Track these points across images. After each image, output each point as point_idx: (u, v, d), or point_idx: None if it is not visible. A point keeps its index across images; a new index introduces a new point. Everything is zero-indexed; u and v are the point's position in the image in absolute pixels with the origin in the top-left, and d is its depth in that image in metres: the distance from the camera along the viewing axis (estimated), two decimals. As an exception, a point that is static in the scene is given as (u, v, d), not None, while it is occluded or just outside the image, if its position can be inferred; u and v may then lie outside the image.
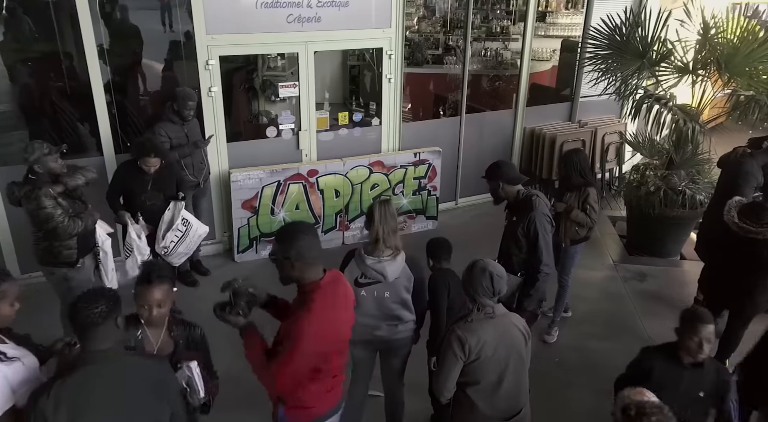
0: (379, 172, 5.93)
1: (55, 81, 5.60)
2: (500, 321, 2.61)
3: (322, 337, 2.29)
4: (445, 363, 2.58)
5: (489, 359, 2.54)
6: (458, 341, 2.52)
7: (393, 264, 3.01)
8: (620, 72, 5.59)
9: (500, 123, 7.01)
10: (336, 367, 2.47)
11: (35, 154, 3.60)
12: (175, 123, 4.83)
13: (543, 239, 3.41)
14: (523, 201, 3.52)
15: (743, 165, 4.27)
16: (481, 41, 8.75)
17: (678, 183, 5.41)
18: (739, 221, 3.60)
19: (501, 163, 3.66)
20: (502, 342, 2.57)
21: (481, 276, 2.55)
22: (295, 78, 5.60)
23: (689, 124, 5.07)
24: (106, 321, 2.06)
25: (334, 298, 2.37)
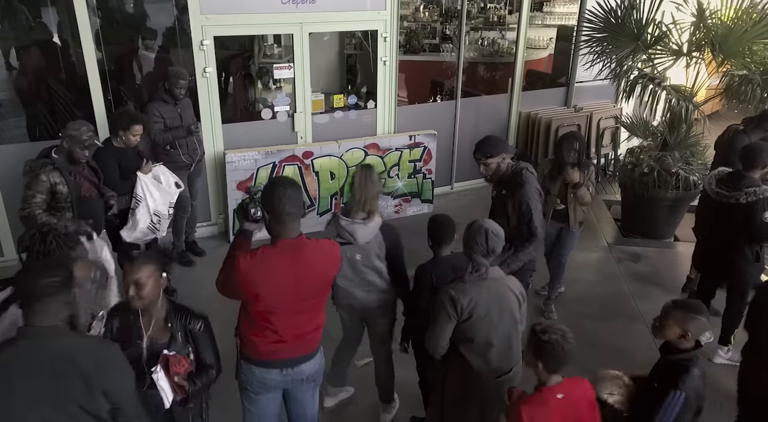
0: (375, 155, 5.93)
1: (51, 66, 5.61)
2: (493, 283, 2.64)
3: (253, 281, 2.39)
4: (438, 321, 2.63)
5: (481, 319, 2.58)
6: (451, 301, 2.57)
7: (364, 227, 3.06)
8: (615, 54, 5.59)
9: (496, 107, 7.02)
10: (281, 330, 2.50)
11: (74, 133, 3.60)
12: (168, 103, 4.79)
13: (536, 214, 3.44)
14: (512, 174, 3.50)
15: (736, 141, 4.30)
16: (478, 31, 8.76)
17: (672, 164, 5.42)
18: (717, 187, 3.63)
19: (498, 139, 3.60)
20: (495, 303, 2.61)
21: (477, 234, 2.60)
22: (291, 61, 5.60)
23: (683, 104, 5.08)
24: (50, 297, 1.91)
25: (297, 258, 2.44)
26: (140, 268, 2.30)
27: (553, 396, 2.24)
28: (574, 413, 2.28)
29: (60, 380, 1.90)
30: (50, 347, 1.92)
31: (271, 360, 2.57)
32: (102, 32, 5.18)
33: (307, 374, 2.68)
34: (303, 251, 2.47)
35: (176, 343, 2.40)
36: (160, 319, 2.40)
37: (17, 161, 4.66)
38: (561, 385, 2.28)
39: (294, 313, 2.51)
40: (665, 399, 2.35)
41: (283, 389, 2.73)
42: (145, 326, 2.38)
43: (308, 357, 2.65)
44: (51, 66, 5.61)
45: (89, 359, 1.94)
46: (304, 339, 2.61)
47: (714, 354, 4.11)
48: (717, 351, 4.12)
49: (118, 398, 2.01)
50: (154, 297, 2.35)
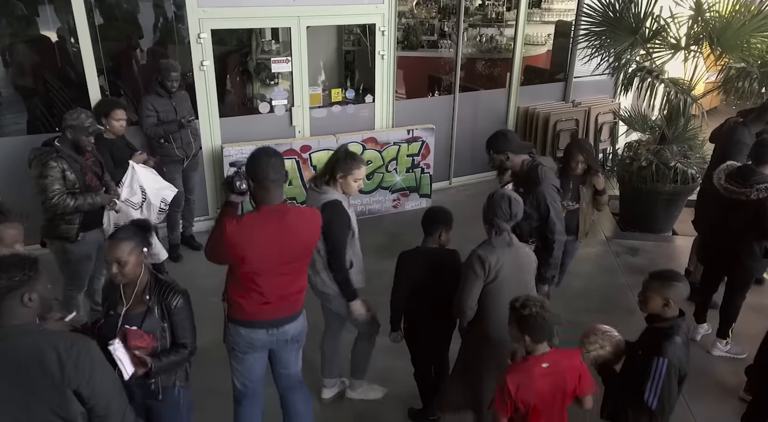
0: (373, 149, 5.92)
1: (48, 61, 5.59)
2: (515, 249, 2.82)
3: (239, 244, 2.51)
4: (467, 281, 2.75)
5: (506, 279, 2.73)
6: (479, 260, 2.72)
7: (312, 195, 3.05)
8: (613, 48, 5.59)
9: (494, 102, 7.01)
10: (266, 291, 2.62)
11: (76, 122, 3.59)
12: (162, 96, 4.72)
13: (554, 211, 3.42)
14: (528, 172, 3.47)
15: (735, 133, 4.28)
16: (476, 27, 8.76)
17: (670, 157, 5.42)
18: (726, 183, 3.61)
19: (506, 133, 3.60)
20: (517, 267, 2.79)
21: (501, 200, 2.78)
22: (288, 55, 5.59)
23: (681, 96, 5.08)
24: (10, 296, 1.85)
25: (281, 223, 2.56)
26: (121, 246, 2.30)
27: (538, 366, 2.32)
28: (559, 382, 2.35)
29: (28, 382, 1.84)
30: (15, 348, 1.85)
31: (257, 320, 2.69)
32: (99, 26, 5.17)
33: (291, 334, 2.79)
34: (286, 216, 2.59)
35: (151, 317, 2.40)
36: (140, 292, 2.41)
37: (15, 154, 4.69)
38: (548, 355, 2.35)
39: (278, 275, 2.62)
40: (650, 369, 2.41)
41: (269, 349, 2.83)
42: (126, 298, 2.40)
43: (292, 319, 2.77)
44: (48, 60, 5.61)
45: (56, 359, 1.85)
46: (288, 301, 2.73)
47: (713, 347, 4.11)
48: (716, 344, 4.11)
49: (92, 395, 1.92)
50: (137, 272, 2.36)
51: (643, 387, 2.42)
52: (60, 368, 1.84)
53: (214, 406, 3.23)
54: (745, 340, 4.04)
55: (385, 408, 3.54)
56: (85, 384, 1.89)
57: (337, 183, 3.04)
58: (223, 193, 2.67)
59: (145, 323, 2.38)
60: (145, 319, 2.39)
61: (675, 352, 2.43)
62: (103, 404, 1.95)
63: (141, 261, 2.38)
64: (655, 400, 2.42)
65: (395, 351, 3.44)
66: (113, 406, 1.99)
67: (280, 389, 3.02)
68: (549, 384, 2.34)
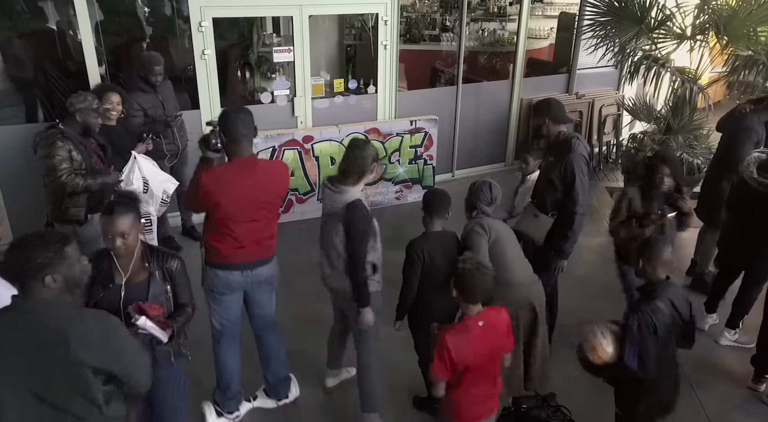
0: (375, 140, 5.87)
1: (49, 52, 5.55)
2: (500, 222, 3.21)
3: (213, 192, 2.74)
4: (474, 245, 3.00)
5: (505, 239, 3.08)
6: (478, 226, 3.05)
7: (333, 197, 2.91)
8: (618, 38, 5.54)
9: (497, 93, 6.95)
10: (239, 236, 2.85)
11: (84, 104, 3.60)
12: (147, 92, 4.60)
13: (580, 181, 3.40)
14: (562, 142, 3.49)
15: (744, 120, 4.22)
16: (478, 22, 8.71)
17: (675, 148, 5.37)
18: (758, 176, 3.53)
19: (551, 100, 3.63)
20: (507, 229, 3.18)
21: (482, 186, 3.14)
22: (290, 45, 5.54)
23: (687, 85, 5.03)
24: (27, 278, 1.84)
25: (251, 172, 2.80)
26: (123, 219, 2.33)
27: (475, 324, 2.38)
28: (494, 338, 2.46)
29: (47, 358, 1.83)
30: (35, 323, 1.84)
31: (232, 263, 2.92)
32: (100, 17, 5.12)
33: (264, 276, 3.04)
34: (255, 166, 2.85)
35: (155, 282, 2.45)
36: (138, 260, 2.44)
37: (13, 143, 4.66)
38: (481, 314, 2.42)
39: (250, 221, 2.87)
40: (626, 328, 2.53)
41: (244, 292, 3.07)
42: (123, 268, 2.42)
43: (265, 262, 3.02)
44: (49, 51, 5.57)
45: (78, 337, 1.83)
46: (261, 246, 2.97)
47: (720, 336, 4.08)
48: (723, 333, 4.07)
49: (125, 373, 1.95)
50: (137, 243, 2.41)
51: (621, 351, 2.50)
52: (83, 347, 1.83)
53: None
54: (752, 330, 4.00)
55: (391, 396, 3.50)
56: (113, 361, 1.91)
57: (356, 180, 2.92)
58: (201, 150, 2.84)
59: (150, 290, 2.43)
60: (149, 286, 2.43)
61: (649, 312, 2.50)
62: (135, 377, 2.00)
63: (139, 231, 2.42)
64: (634, 359, 2.48)
65: (405, 342, 3.41)
66: (143, 378, 2.04)
67: (255, 329, 3.27)
68: (487, 342, 2.41)
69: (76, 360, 1.83)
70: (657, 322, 2.50)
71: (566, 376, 3.41)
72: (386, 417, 3.32)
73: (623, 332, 2.54)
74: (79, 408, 1.89)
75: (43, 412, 1.86)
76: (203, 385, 3.34)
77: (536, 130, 3.68)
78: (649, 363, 2.49)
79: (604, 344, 2.54)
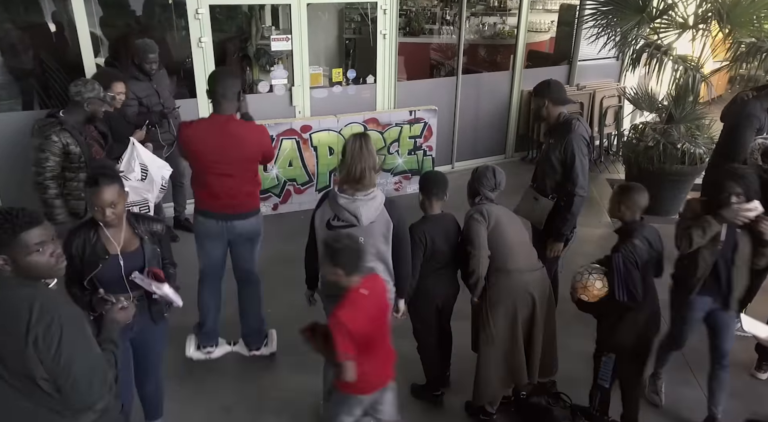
0: (374, 130, 5.82)
1: (45, 41, 5.50)
2: (503, 208, 3.06)
3: (190, 140, 3.12)
4: (473, 232, 2.90)
5: (507, 225, 2.97)
6: (477, 213, 2.94)
7: (368, 205, 2.65)
8: (620, 27, 5.49)
9: (497, 84, 6.90)
10: (215, 188, 3.17)
11: (93, 93, 3.49)
12: (141, 80, 4.52)
13: (579, 162, 3.37)
14: (562, 123, 3.46)
15: (747, 106, 4.17)
16: (479, 16, 8.67)
17: (677, 137, 5.32)
18: (764, 163, 3.48)
19: (551, 82, 3.57)
20: (510, 216, 3.06)
21: (486, 171, 3.02)
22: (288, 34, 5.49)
23: (690, 72, 4.98)
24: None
25: (223, 128, 3.08)
26: (110, 189, 2.32)
27: (360, 295, 2.39)
28: (380, 302, 2.54)
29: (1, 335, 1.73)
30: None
31: (209, 211, 3.26)
32: (96, 6, 5.07)
33: (241, 230, 3.29)
34: (230, 122, 3.11)
35: (148, 246, 2.50)
36: (127, 228, 2.46)
37: (11, 130, 4.61)
38: (362, 283, 2.43)
39: (224, 175, 3.14)
40: (610, 267, 2.80)
41: (228, 241, 3.34)
42: (114, 238, 2.42)
43: (242, 217, 3.27)
44: (44, 40, 5.52)
45: (26, 319, 1.72)
46: (236, 200, 3.23)
47: None
48: None
49: (58, 374, 1.76)
50: (124, 211, 2.43)
51: (611, 287, 2.80)
52: (26, 332, 1.71)
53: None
54: (759, 318, 3.94)
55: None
56: (49, 357, 1.73)
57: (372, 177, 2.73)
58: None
59: (146, 255, 2.46)
60: (145, 251, 2.47)
61: (628, 248, 2.79)
62: (69, 384, 1.78)
63: (125, 200, 2.44)
64: (623, 293, 2.79)
65: (400, 329, 3.34)
66: (81, 390, 1.79)
67: (236, 279, 3.51)
68: (375, 307, 2.46)
69: (19, 342, 1.71)
70: (638, 257, 2.80)
71: (567, 361, 3.36)
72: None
73: (609, 269, 2.83)
74: (30, 391, 1.79)
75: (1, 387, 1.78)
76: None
77: (536, 112, 3.59)
78: (637, 293, 2.81)
79: (594, 280, 2.85)
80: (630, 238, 2.83)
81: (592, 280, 2.85)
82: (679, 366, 3.71)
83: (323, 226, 2.71)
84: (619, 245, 2.86)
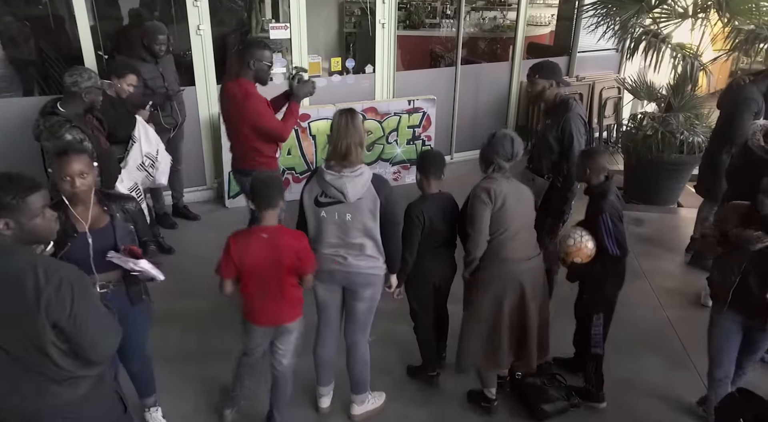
0: (373, 119, 5.83)
1: (44, 32, 5.52)
2: (514, 183, 2.91)
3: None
4: (475, 210, 2.81)
5: (513, 206, 2.82)
6: (484, 191, 2.79)
7: (355, 181, 2.60)
8: (619, 16, 5.49)
9: (496, 75, 6.90)
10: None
11: (90, 82, 3.38)
12: (148, 62, 4.51)
13: (577, 140, 3.38)
14: (559, 103, 3.46)
15: (743, 90, 4.16)
16: (478, 11, 8.67)
17: (676, 125, 5.32)
18: (765, 144, 3.47)
19: (555, 63, 3.57)
20: (516, 194, 2.86)
21: (503, 140, 2.83)
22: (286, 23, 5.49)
23: (689, 59, 4.97)
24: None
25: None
26: (80, 158, 2.28)
27: (258, 233, 2.55)
28: (275, 254, 2.55)
29: (3, 305, 1.71)
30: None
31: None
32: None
33: None
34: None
35: (119, 223, 2.42)
36: (95, 205, 2.38)
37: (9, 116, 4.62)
38: (271, 228, 2.55)
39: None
40: (600, 227, 2.88)
41: None
42: (82, 216, 2.35)
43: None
44: (44, 28, 5.53)
45: (33, 283, 1.69)
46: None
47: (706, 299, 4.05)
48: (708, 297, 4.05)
49: (75, 333, 1.76)
50: (93, 185, 2.36)
51: (603, 245, 2.89)
52: (36, 296, 1.69)
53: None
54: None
55: (384, 366, 3.43)
56: (65, 316, 1.73)
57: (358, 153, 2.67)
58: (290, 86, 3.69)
59: (117, 232, 2.39)
60: (116, 228, 2.39)
61: (611, 205, 2.91)
62: (88, 340, 1.78)
63: (94, 174, 2.38)
64: (615, 247, 2.90)
65: (395, 312, 3.37)
66: (99, 344, 1.82)
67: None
68: (264, 252, 2.53)
69: (29, 309, 1.70)
70: (618, 212, 2.94)
71: (563, 344, 3.36)
72: (380, 387, 3.27)
73: (596, 229, 2.90)
74: (34, 360, 1.78)
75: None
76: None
77: (539, 93, 3.51)
78: (626, 244, 2.96)
79: (586, 241, 2.90)
80: (606, 197, 2.94)
81: (584, 241, 2.90)
82: (676, 351, 3.73)
83: (311, 204, 2.69)
84: (600, 205, 2.92)
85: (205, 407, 3.19)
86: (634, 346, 3.68)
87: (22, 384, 1.80)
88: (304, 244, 2.63)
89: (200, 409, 3.18)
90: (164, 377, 3.15)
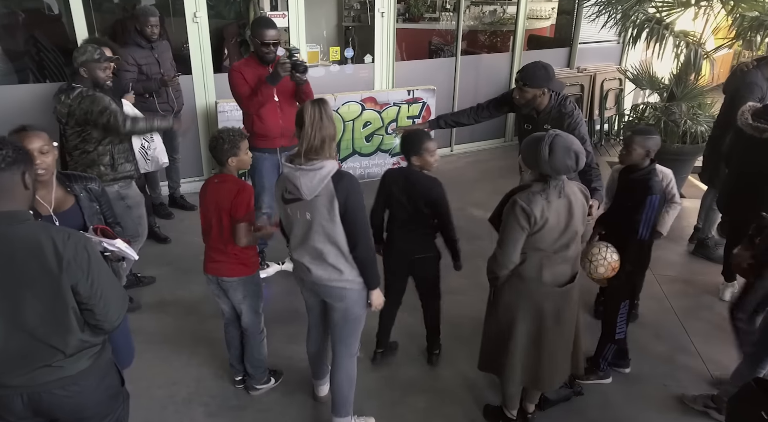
0: (372, 109, 5.76)
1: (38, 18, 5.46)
2: (566, 196, 2.41)
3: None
4: (508, 236, 2.42)
5: (553, 227, 2.39)
6: (523, 213, 2.35)
7: (309, 175, 2.29)
8: (621, 5, 5.42)
9: (497, 66, 6.84)
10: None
11: (85, 56, 3.30)
12: (143, 47, 4.46)
13: (588, 142, 3.32)
14: (556, 106, 3.32)
15: (747, 75, 4.11)
16: (478, 5, 8.62)
17: (678, 114, 5.25)
18: (754, 121, 3.42)
19: (546, 65, 3.33)
20: (568, 213, 2.42)
21: (566, 156, 2.29)
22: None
23: (692, 47, 4.91)
24: (7, 169, 1.65)
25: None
26: (39, 135, 2.20)
27: (212, 180, 2.82)
28: (217, 197, 2.74)
29: (22, 274, 1.66)
30: (8, 237, 1.66)
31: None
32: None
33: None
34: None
35: (85, 204, 2.37)
36: (58, 188, 2.32)
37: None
38: (221, 175, 2.78)
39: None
40: (644, 205, 2.86)
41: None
42: (45, 200, 2.26)
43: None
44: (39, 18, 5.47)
45: (53, 250, 1.67)
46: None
47: (723, 293, 4.06)
48: (724, 289, 4.06)
49: (91, 295, 1.75)
50: (54, 166, 2.27)
51: (636, 227, 2.88)
52: (57, 260, 1.67)
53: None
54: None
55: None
56: (84, 279, 1.72)
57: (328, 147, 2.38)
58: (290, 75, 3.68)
59: (85, 212, 2.34)
60: (83, 209, 2.35)
61: (659, 188, 2.95)
62: (102, 305, 1.78)
63: (54, 155, 2.28)
64: (647, 232, 2.91)
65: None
66: (112, 310, 1.81)
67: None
68: (212, 195, 2.75)
69: (52, 275, 1.68)
70: (665, 194, 3.09)
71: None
72: (375, 374, 3.22)
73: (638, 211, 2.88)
74: (49, 331, 1.74)
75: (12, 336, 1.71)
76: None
77: (528, 102, 3.31)
78: (656, 228, 3.12)
79: (612, 254, 2.89)
80: (654, 176, 2.96)
81: (613, 260, 2.89)
82: (680, 340, 3.67)
83: (280, 200, 2.47)
84: (651, 186, 2.90)
85: (191, 394, 3.12)
86: (638, 335, 3.62)
87: (29, 360, 1.76)
88: (244, 191, 2.72)
89: (188, 397, 3.11)
90: (157, 363, 3.13)
